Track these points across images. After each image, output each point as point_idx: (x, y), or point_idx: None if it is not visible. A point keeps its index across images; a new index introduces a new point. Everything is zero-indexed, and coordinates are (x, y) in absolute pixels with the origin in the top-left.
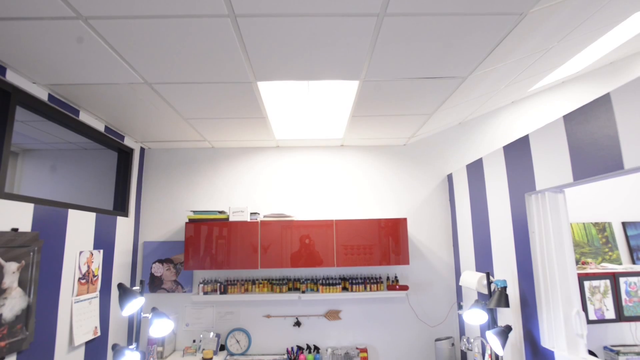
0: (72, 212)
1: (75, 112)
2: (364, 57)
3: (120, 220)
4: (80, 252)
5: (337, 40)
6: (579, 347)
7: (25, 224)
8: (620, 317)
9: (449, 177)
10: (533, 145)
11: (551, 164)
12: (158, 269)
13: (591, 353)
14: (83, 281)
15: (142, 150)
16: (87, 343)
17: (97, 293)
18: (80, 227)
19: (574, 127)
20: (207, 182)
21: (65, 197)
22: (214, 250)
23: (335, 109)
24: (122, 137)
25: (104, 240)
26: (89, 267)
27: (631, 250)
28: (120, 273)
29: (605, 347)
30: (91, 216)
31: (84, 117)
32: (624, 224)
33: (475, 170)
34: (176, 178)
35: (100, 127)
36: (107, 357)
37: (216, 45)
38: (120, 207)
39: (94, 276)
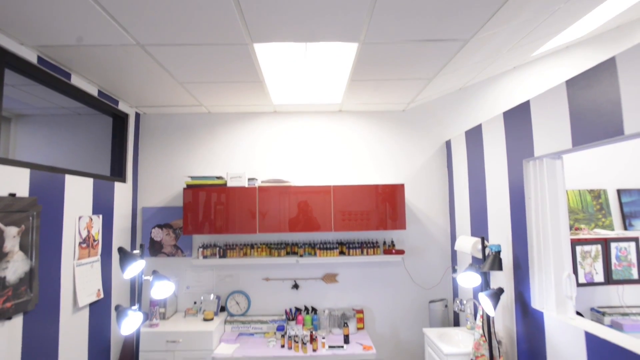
0: (69, 178)
1: (66, 75)
2: (364, 17)
3: (118, 185)
4: (80, 217)
5: None
6: (568, 308)
7: (22, 189)
8: (609, 280)
9: (447, 144)
10: (533, 110)
11: (551, 130)
12: (158, 234)
13: (578, 314)
14: (84, 245)
15: (137, 115)
16: (91, 304)
17: (99, 257)
18: (78, 192)
19: (576, 92)
20: (204, 148)
21: (61, 162)
22: (213, 216)
23: (334, 73)
24: (117, 102)
25: (103, 206)
26: (89, 231)
27: (624, 216)
28: (120, 238)
29: (592, 309)
30: (88, 182)
31: (75, 80)
32: (619, 191)
33: (474, 136)
34: (173, 144)
35: (93, 91)
36: (111, 318)
37: (210, 4)
38: (118, 172)
39: (95, 241)
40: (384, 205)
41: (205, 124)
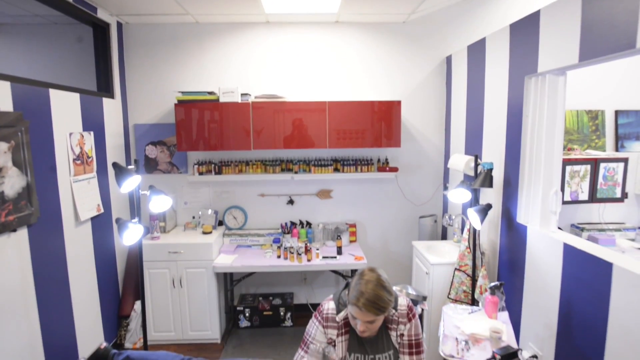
0: (53, 92)
1: None
2: None
3: (106, 101)
4: (70, 134)
5: None
6: (551, 222)
7: (5, 104)
8: (593, 198)
9: (448, 59)
10: (543, 22)
11: (558, 43)
12: (152, 151)
13: (559, 229)
14: (78, 162)
15: (120, 25)
16: (93, 219)
17: (94, 174)
18: (65, 108)
19: (592, 1)
20: (194, 62)
21: (43, 76)
22: (206, 132)
23: None
24: (95, 9)
25: (93, 122)
26: (81, 148)
27: (617, 137)
28: (114, 155)
29: (572, 225)
30: (75, 97)
31: None
32: (616, 112)
33: (477, 51)
34: (161, 56)
35: None
36: (114, 231)
37: None
38: (105, 88)
39: (89, 157)
40: (380, 123)
41: (194, 36)
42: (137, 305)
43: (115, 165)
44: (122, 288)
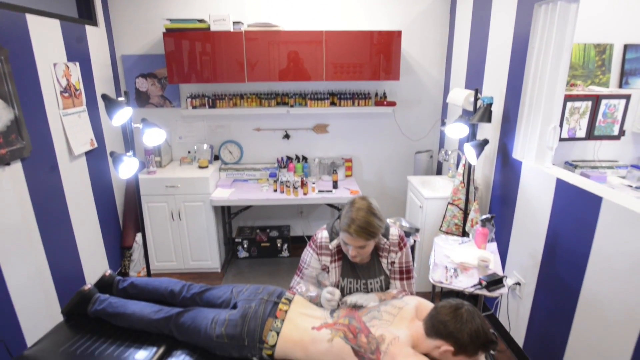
0: (31, 18)
1: None
2: None
3: (90, 30)
4: (55, 64)
5: None
6: (546, 158)
7: None
8: (590, 135)
9: None
10: None
11: None
12: (142, 84)
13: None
14: (66, 95)
15: None
16: (87, 153)
17: (84, 107)
18: (45, 35)
19: None
20: None
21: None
22: (198, 64)
23: None
24: None
25: (77, 52)
26: (68, 80)
27: (623, 73)
28: (103, 87)
29: (566, 162)
30: (55, 23)
31: None
32: (625, 46)
33: None
34: None
35: None
36: (109, 165)
37: None
38: (86, 14)
39: (77, 90)
40: (378, 54)
41: None
42: (139, 237)
43: (104, 97)
44: (123, 221)
